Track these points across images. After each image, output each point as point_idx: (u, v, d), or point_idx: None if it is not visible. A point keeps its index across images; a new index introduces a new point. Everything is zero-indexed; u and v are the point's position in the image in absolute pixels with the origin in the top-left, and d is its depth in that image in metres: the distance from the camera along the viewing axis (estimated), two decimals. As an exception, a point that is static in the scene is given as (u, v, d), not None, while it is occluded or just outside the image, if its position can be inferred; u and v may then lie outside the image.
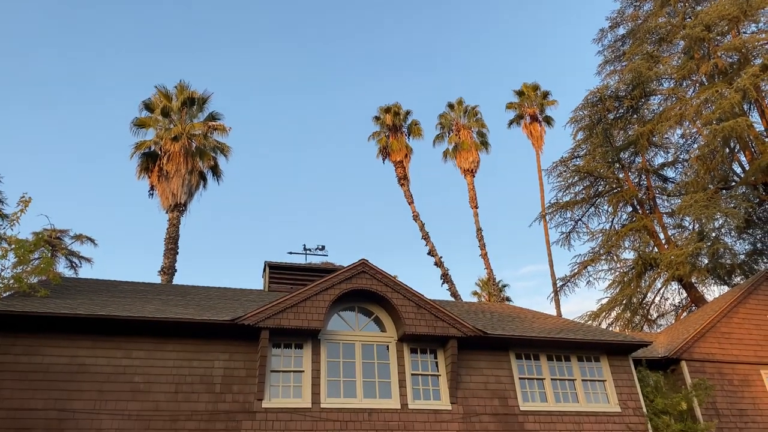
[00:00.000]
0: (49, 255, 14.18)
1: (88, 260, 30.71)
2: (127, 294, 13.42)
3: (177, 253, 26.61)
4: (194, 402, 10.82)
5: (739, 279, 26.75)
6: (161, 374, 10.92)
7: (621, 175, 29.83)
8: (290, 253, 18.19)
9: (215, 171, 28.96)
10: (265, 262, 16.74)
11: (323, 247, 18.35)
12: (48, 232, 14.26)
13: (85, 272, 31.73)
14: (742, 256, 27.99)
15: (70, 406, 10.17)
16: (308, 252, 18.08)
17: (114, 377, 10.64)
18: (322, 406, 11.45)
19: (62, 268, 29.56)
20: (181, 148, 27.00)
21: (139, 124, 28.02)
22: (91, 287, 13.83)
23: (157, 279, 25.53)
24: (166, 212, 27.37)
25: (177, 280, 26.18)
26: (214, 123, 28.75)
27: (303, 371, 11.73)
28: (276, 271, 16.59)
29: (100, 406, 10.32)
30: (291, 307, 11.72)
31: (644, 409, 13.41)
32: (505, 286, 43.78)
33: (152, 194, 27.86)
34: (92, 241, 30.36)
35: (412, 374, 12.41)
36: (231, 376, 11.26)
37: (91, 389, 10.41)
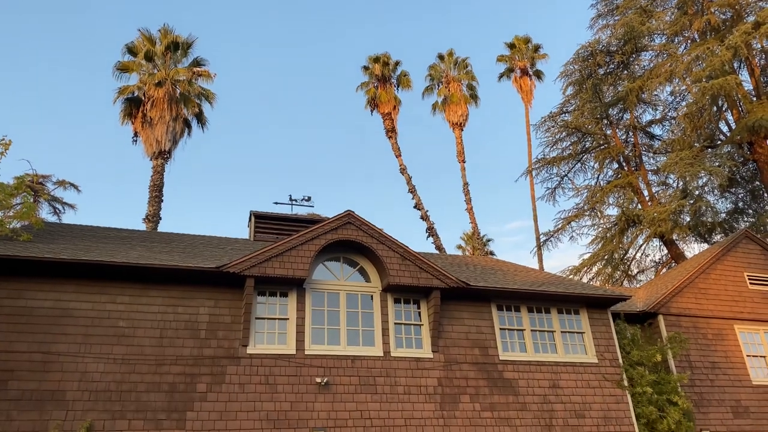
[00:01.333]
0: (32, 200, 14.02)
1: (71, 206, 30.40)
2: (110, 240, 13.35)
3: (161, 200, 26.40)
4: (179, 347, 10.94)
5: (719, 237, 27.24)
6: (146, 319, 10.99)
7: (608, 132, 29.85)
8: (276, 203, 18.12)
9: (200, 118, 28.48)
10: (251, 211, 16.68)
11: (309, 198, 18.29)
12: (30, 176, 14.03)
13: (69, 218, 31.41)
14: (723, 215, 28.45)
15: (55, 349, 10.25)
16: (294, 203, 18.02)
17: (98, 321, 10.70)
18: (306, 352, 11.63)
19: (45, 213, 29.26)
20: (165, 93, 26.44)
21: (122, 68, 27.31)
22: (74, 232, 13.74)
23: (142, 226, 25.42)
24: (150, 159, 27.01)
25: (162, 227, 26.10)
26: (198, 69, 28.11)
27: (288, 319, 11.86)
28: (262, 221, 16.56)
29: (85, 349, 10.40)
30: (276, 256, 11.76)
31: (620, 361, 13.80)
32: (489, 240, 44.13)
33: (136, 141, 27.42)
34: (75, 187, 29.99)
35: (395, 323, 12.60)
36: (216, 323, 11.36)
37: (76, 333, 10.47)
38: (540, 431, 12.39)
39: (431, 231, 33.49)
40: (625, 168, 29.43)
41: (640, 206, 28.51)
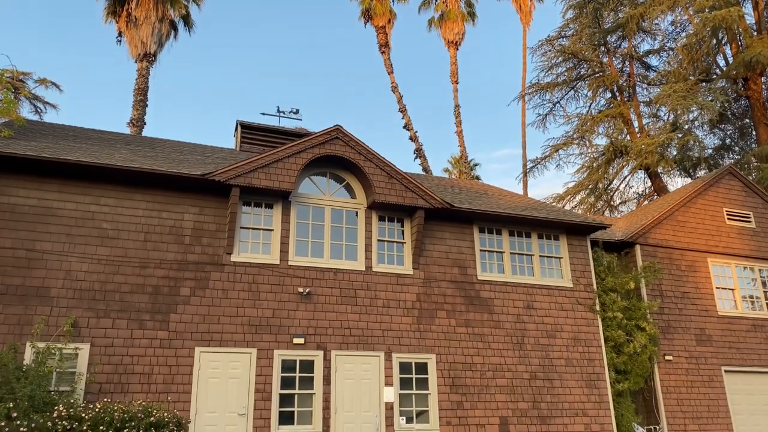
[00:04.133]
0: (12, 96, 13.61)
1: (53, 106, 29.51)
2: (94, 141, 13.16)
3: (146, 105, 25.84)
4: (163, 251, 11.06)
5: (702, 173, 27.49)
6: (130, 222, 11.03)
7: (605, 60, 29.36)
8: (263, 114, 17.86)
9: (187, 21, 27.44)
10: (238, 121, 16.42)
11: (297, 111, 18.00)
12: (9, 72, 13.57)
13: (50, 118, 30.73)
14: (710, 151, 28.59)
15: (39, 246, 10.30)
16: (282, 114, 17.74)
17: (82, 222, 10.72)
18: (289, 263, 11.83)
19: (26, 112, 28.47)
20: (150, -8, 25.32)
21: (105, -38, 25.97)
22: (57, 132, 13.50)
23: (126, 131, 25.00)
24: (135, 62, 26.20)
25: (146, 133, 25.70)
26: (186, -33, 26.81)
27: (272, 230, 11.97)
28: (248, 131, 16.35)
29: (69, 249, 10.47)
30: (263, 167, 11.71)
31: (594, 286, 14.23)
32: (476, 165, 44.09)
33: (120, 41, 26.48)
34: (57, 86, 29.00)
35: (378, 240, 12.78)
36: (200, 230, 11.44)
37: (60, 232, 10.51)
38: (512, 348, 12.92)
39: (419, 152, 33.34)
40: (618, 98, 29.18)
41: (629, 137, 28.51)
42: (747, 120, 28.07)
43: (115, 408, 8.00)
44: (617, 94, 29.33)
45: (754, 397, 15.33)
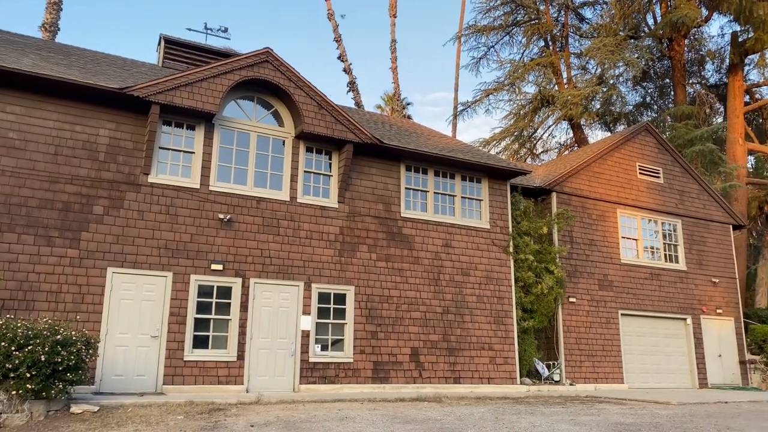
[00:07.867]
0: None
1: (-48, 1, 26.83)
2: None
3: (61, 9, 23.87)
4: (75, 167, 10.50)
5: (622, 128, 28.69)
6: (40, 134, 10.35)
7: (542, 7, 29.53)
8: (189, 29, 17.00)
9: None
10: (161, 35, 15.51)
11: (226, 30, 17.22)
12: None
13: (-50, 15, 27.87)
14: (631, 107, 29.78)
15: (-65, 153, 9.53)
16: (209, 32, 16.91)
17: (-15, 130, 9.96)
18: (210, 188, 11.54)
19: None
20: None
21: None
22: (-45, 29, 12.28)
23: (38, 35, 23.10)
24: (49, -41, 23.96)
25: (59, 39, 23.88)
26: None
27: (194, 153, 11.58)
28: (172, 47, 15.50)
29: (-30, 157, 9.76)
30: (186, 85, 11.18)
31: (510, 229, 14.78)
32: (408, 104, 43.93)
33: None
34: (-43, -22, 26.28)
35: (305, 171, 12.65)
36: (116, 147, 10.91)
37: (-42, 138, 9.74)
38: (428, 283, 13.34)
39: (352, 86, 32.79)
40: (551, 47, 29.61)
41: (556, 87, 29.16)
42: (667, 80, 29.28)
43: (19, 325, 7.69)
44: (550, 43, 29.75)
45: (644, 339, 16.69)
